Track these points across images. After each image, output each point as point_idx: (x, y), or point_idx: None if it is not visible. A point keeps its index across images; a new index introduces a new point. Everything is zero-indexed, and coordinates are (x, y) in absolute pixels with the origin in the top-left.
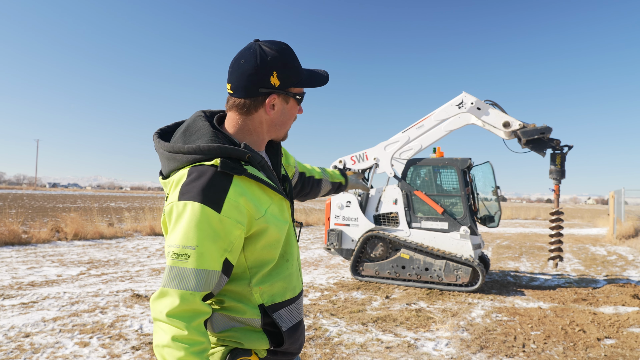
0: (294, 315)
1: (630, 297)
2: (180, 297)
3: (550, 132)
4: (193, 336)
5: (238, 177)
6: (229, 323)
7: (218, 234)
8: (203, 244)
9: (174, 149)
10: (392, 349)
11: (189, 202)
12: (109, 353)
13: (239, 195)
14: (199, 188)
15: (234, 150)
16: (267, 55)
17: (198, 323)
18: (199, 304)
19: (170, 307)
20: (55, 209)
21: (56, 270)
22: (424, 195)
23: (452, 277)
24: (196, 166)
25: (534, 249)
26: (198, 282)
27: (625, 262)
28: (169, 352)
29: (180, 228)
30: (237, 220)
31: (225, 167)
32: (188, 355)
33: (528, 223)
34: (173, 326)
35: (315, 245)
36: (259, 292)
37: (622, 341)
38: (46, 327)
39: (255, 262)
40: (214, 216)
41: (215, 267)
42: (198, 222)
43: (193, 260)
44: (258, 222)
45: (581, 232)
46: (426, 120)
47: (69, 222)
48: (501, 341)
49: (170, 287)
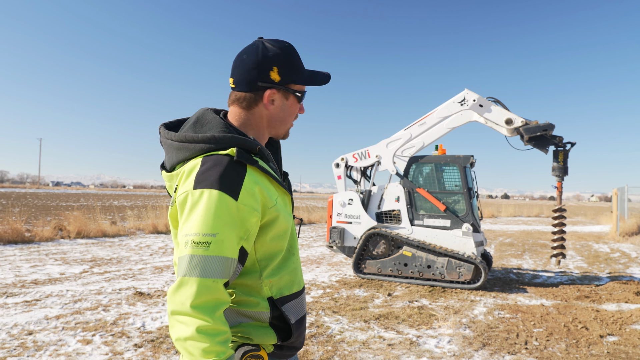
0: (300, 309)
1: (633, 294)
2: (204, 286)
3: (552, 129)
4: (218, 326)
5: (251, 167)
6: (237, 319)
7: (235, 221)
8: (223, 231)
9: (187, 138)
10: (394, 346)
11: (206, 190)
12: (111, 350)
13: (254, 184)
14: (216, 176)
15: (247, 141)
16: (269, 51)
17: (220, 313)
18: (221, 293)
19: (193, 297)
20: (58, 208)
21: (59, 269)
22: (426, 193)
23: (454, 275)
24: (210, 156)
25: (537, 246)
26: (220, 269)
27: (628, 260)
28: (192, 344)
29: (198, 216)
30: (254, 208)
31: (241, 156)
32: (214, 346)
33: (531, 220)
34: (197, 317)
35: (318, 243)
36: (269, 284)
37: (625, 338)
38: (49, 324)
39: (265, 254)
40: (232, 203)
41: (234, 255)
42: (217, 210)
43: (215, 248)
44: (271, 211)
45: (584, 229)
46: (428, 117)
47: (72, 221)
48: (503, 338)
49: (192, 276)
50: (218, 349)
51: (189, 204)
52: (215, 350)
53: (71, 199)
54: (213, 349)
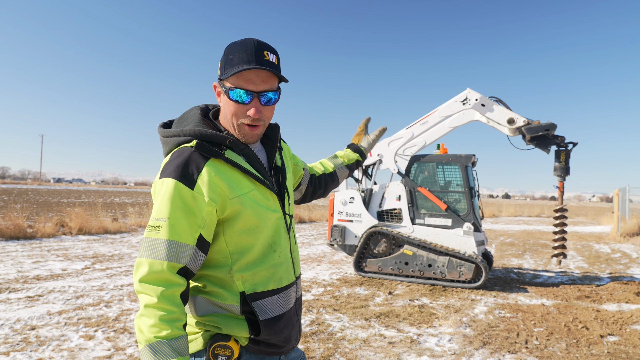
0: (277, 307)
1: (634, 294)
2: (150, 265)
3: (554, 129)
4: (163, 304)
5: (214, 159)
6: (210, 308)
7: (191, 209)
8: (174, 216)
9: (166, 133)
10: (394, 344)
11: (165, 179)
12: (113, 346)
13: (212, 175)
14: (174, 166)
15: (214, 134)
16: (227, 48)
17: (170, 293)
18: (169, 275)
19: (142, 274)
20: (59, 204)
21: (61, 265)
22: (427, 192)
23: (455, 274)
24: (179, 148)
25: (538, 246)
26: (168, 252)
27: (629, 260)
28: (142, 320)
29: (157, 203)
30: (210, 197)
31: (200, 148)
32: (158, 323)
33: (532, 220)
34: (145, 294)
35: (319, 241)
36: (241, 279)
37: (625, 338)
38: (51, 320)
39: (236, 247)
40: (187, 192)
41: (188, 241)
42: (171, 197)
43: (164, 232)
44: (232, 203)
45: (585, 229)
46: (430, 116)
47: (74, 217)
48: (504, 337)
49: (142, 257)
50: (162, 326)
51: (154, 192)
52: (159, 327)
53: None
54: (157, 326)
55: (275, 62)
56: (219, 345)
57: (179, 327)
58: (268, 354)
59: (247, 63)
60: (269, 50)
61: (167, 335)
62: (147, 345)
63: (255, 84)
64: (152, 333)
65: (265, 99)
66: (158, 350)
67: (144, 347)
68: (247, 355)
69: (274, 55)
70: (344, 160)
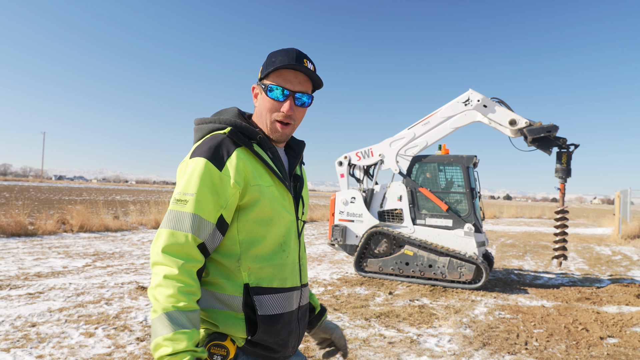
0: (277, 306)
1: (634, 296)
2: (174, 236)
3: (556, 131)
4: (183, 277)
5: (244, 148)
6: (211, 302)
7: (216, 188)
8: (202, 192)
9: (201, 121)
10: (394, 344)
11: (196, 158)
12: (114, 344)
13: (240, 160)
14: (206, 147)
15: (248, 127)
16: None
17: (190, 267)
18: (192, 249)
19: (164, 243)
20: (61, 201)
21: (62, 262)
22: (428, 192)
23: (455, 274)
24: (212, 134)
25: (539, 247)
26: (193, 225)
27: (630, 262)
28: (159, 290)
29: (185, 179)
30: (235, 180)
31: (233, 135)
32: (177, 294)
33: (533, 222)
34: (165, 265)
35: (320, 241)
36: (247, 270)
37: (625, 340)
38: (52, 317)
39: (247, 236)
40: (215, 172)
41: (210, 219)
42: (201, 174)
43: (190, 205)
44: (252, 189)
45: (586, 231)
46: (432, 117)
47: (75, 215)
48: (504, 338)
49: (166, 227)
50: (180, 297)
51: (182, 170)
52: (177, 298)
53: (74, 193)
54: (175, 296)
55: (313, 70)
56: (215, 344)
57: (195, 301)
58: (264, 357)
59: (288, 63)
60: (308, 59)
61: (184, 307)
62: (165, 313)
63: (292, 83)
64: (170, 302)
65: (299, 101)
66: (175, 319)
67: (160, 314)
68: (244, 357)
69: (312, 65)
70: (311, 295)
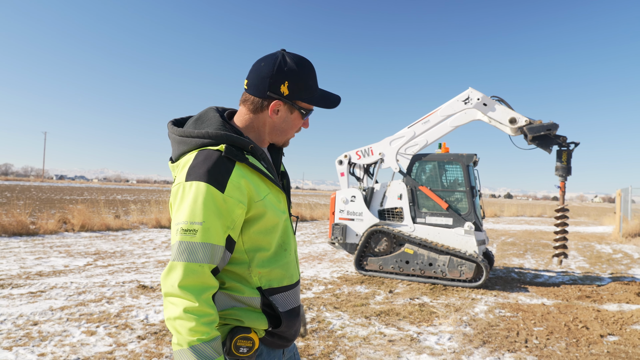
0: (290, 301)
1: (634, 295)
2: (190, 269)
3: (556, 129)
4: (203, 308)
5: (240, 163)
6: (230, 302)
7: (221, 211)
8: (209, 219)
9: (185, 133)
10: (394, 342)
11: (194, 182)
12: (115, 342)
13: (240, 178)
14: (204, 169)
15: (239, 139)
16: (285, 65)
17: (207, 296)
18: (207, 277)
19: (180, 279)
20: (62, 201)
21: (63, 261)
22: (428, 191)
23: (455, 273)
24: (203, 150)
25: (539, 246)
26: (205, 254)
27: (630, 261)
28: (180, 323)
29: (187, 206)
30: (239, 200)
31: (229, 152)
32: (199, 326)
33: (534, 220)
34: (184, 299)
35: (320, 240)
36: (258, 275)
37: (625, 338)
38: (54, 315)
39: (252, 246)
40: (219, 195)
41: (220, 242)
42: (204, 200)
43: (200, 235)
44: (257, 205)
45: (587, 229)
46: (432, 115)
47: (76, 214)
48: (504, 336)
49: (179, 261)
50: (203, 329)
51: (180, 195)
52: (201, 330)
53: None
54: (198, 329)
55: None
56: (242, 337)
57: (216, 329)
58: (278, 346)
59: (326, 98)
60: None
61: (208, 338)
62: (190, 347)
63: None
64: (194, 335)
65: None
66: (201, 352)
67: (186, 348)
68: (262, 347)
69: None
70: None
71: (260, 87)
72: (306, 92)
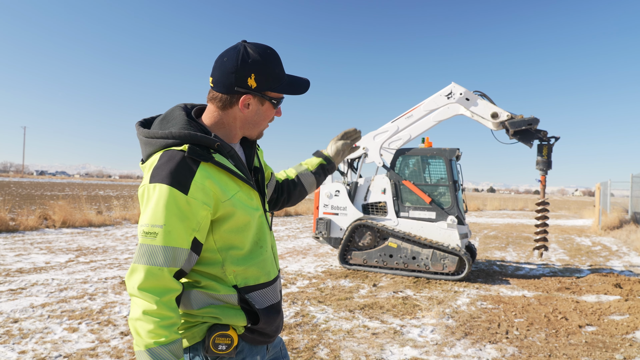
0: (268, 298)
1: (612, 286)
2: (149, 272)
3: (537, 123)
4: (162, 311)
5: (205, 163)
6: (207, 300)
7: (185, 214)
8: (170, 222)
9: (150, 134)
10: (378, 335)
11: (157, 185)
12: (97, 338)
13: (205, 179)
14: (167, 171)
15: (204, 138)
16: (249, 57)
17: (168, 298)
18: (168, 280)
19: (140, 280)
20: (43, 197)
21: (44, 258)
22: (412, 185)
23: (438, 266)
24: (167, 151)
25: (521, 239)
26: (166, 258)
27: (609, 253)
28: (140, 325)
29: (150, 209)
30: (203, 202)
31: (193, 153)
32: (157, 329)
33: (515, 214)
34: (144, 300)
35: (304, 234)
36: (233, 274)
37: (602, 328)
38: (35, 313)
39: (224, 245)
40: (181, 197)
41: (184, 245)
42: (166, 203)
43: (161, 238)
44: (224, 205)
45: (567, 223)
46: (415, 110)
47: (57, 210)
48: (485, 328)
49: (140, 264)
50: (161, 332)
51: (145, 197)
52: (159, 333)
53: (56, 188)
54: (157, 332)
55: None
56: (220, 334)
57: (176, 331)
58: (260, 342)
59: (295, 84)
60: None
61: (165, 341)
62: (147, 350)
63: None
64: (151, 338)
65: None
66: (157, 355)
67: (143, 350)
68: (243, 344)
69: None
70: (308, 166)
71: (226, 83)
72: (274, 81)
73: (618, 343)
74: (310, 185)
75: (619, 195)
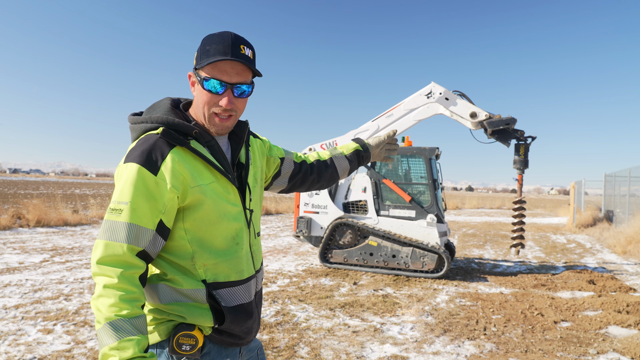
0: (237, 297)
1: (586, 282)
2: (110, 247)
3: (514, 123)
4: (124, 284)
5: (180, 148)
6: (174, 296)
7: (153, 194)
8: (136, 200)
9: (134, 120)
10: (358, 333)
11: (129, 164)
12: (73, 340)
13: (175, 162)
14: (139, 151)
15: (182, 123)
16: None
17: (129, 274)
18: (129, 256)
19: (100, 255)
20: (16, 195)
21: (18, 258)
22: (392, 184)
23: (418, 264)
24: (145, 135)
25: (498, 237)
26: (128, 235)
27: (583, 250)
28: (101, 301)
29: (119, 187)
30: (172, 184)
31: (166, 135)
32: (118, 302)
33: (493, 212)
34: (104, 275)
35: (285, 233)
36: (203, 267)
37: (577, 324)
38: (7, 314)
39: (195, 236)
40: (150, 177)
41: (148, 225)
42: (134, 181)
43: (125, 215)
44: (193, 191)
45: (543, 221)
46: (395, 109)
47: (31, 209)
48: (464, 325)
49: (102, 239)
50: (123, 305)
51: (118, 176)
52: (120, 306)
53: (30, 186)
54: (118, 305)
55: (251, 57)
56: (183, 334)
57: (139, 307)
58: (230, 344)
59: (223, 54)
60: (245, 44)
61: (128, 314)
62: (108, 323)
63: (230, 75)
64: (112, 312)
65: (238, 91)
66: (119, 328)
67: (104, 325)
68: (210, 345)
69: (250, 50)
70: (343, 151)
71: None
72: (204, 56)
73: (592, 338)
74: (344, 170)
75: (593, 194)
